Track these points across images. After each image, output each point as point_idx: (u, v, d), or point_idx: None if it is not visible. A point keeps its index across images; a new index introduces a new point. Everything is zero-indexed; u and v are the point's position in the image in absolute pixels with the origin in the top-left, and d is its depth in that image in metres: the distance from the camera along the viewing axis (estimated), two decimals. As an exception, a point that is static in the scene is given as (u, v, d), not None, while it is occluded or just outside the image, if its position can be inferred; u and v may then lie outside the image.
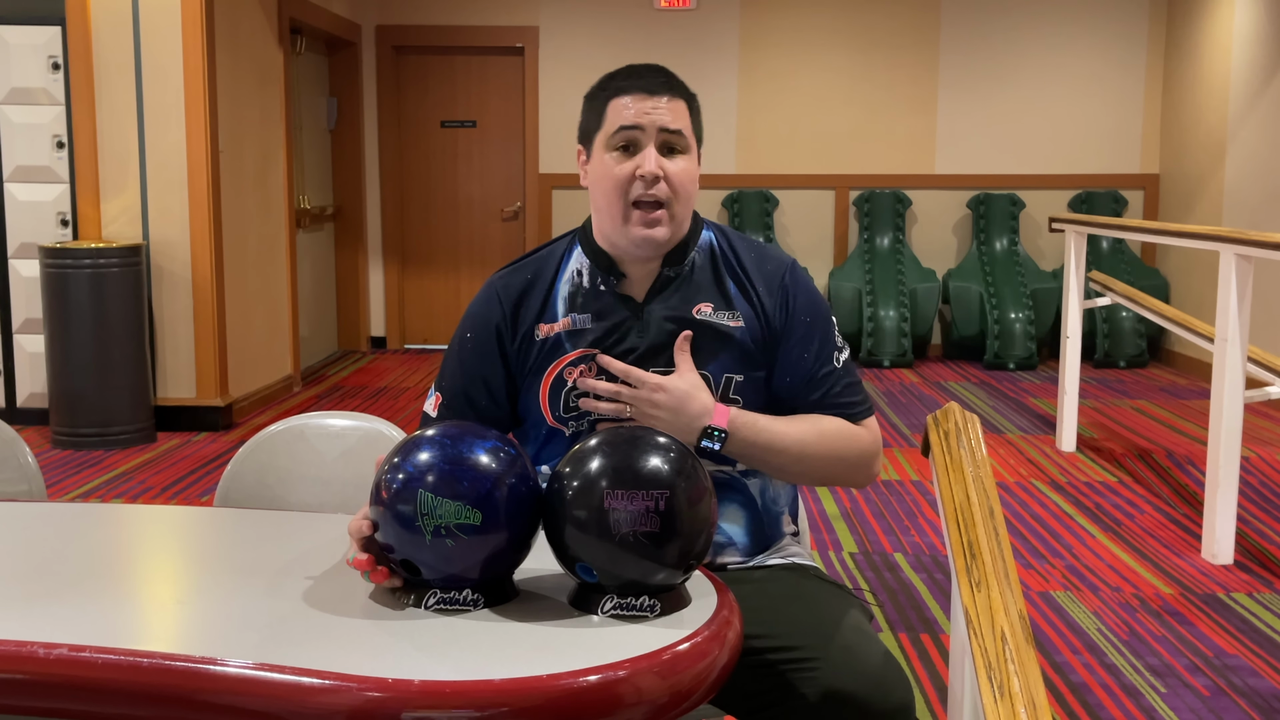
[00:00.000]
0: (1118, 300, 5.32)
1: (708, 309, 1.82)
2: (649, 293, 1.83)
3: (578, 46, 8.21)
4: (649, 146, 1.77)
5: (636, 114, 1.77)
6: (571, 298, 1.84)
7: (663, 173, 1.77)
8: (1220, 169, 7.28)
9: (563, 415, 1.80)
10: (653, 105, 1.78)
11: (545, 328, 1.83)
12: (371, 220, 8.46)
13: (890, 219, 8.17)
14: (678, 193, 1.79)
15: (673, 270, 1.84)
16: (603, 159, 1.80)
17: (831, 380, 1.84)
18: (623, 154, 1.78)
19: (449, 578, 1.42)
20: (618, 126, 1.78)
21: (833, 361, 1.85)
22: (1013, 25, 8.17)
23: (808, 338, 1.84)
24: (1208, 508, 3.97)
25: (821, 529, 4.30)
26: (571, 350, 1.81)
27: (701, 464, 1.48)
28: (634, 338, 1.81)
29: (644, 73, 1.81)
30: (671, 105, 1.79)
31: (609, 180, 1.78)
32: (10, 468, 2.18)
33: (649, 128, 1.77)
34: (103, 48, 5.59)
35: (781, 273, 1.86)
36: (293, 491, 2.11)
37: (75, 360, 5.41)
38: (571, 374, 1.80)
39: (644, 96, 1.78)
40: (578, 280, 1.85)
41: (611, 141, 1.79)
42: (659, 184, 1.77)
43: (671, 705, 1.30)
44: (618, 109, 1.79)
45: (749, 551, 1.85)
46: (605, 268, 1.84)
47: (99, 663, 1.30)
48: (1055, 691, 2.98)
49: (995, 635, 1.51)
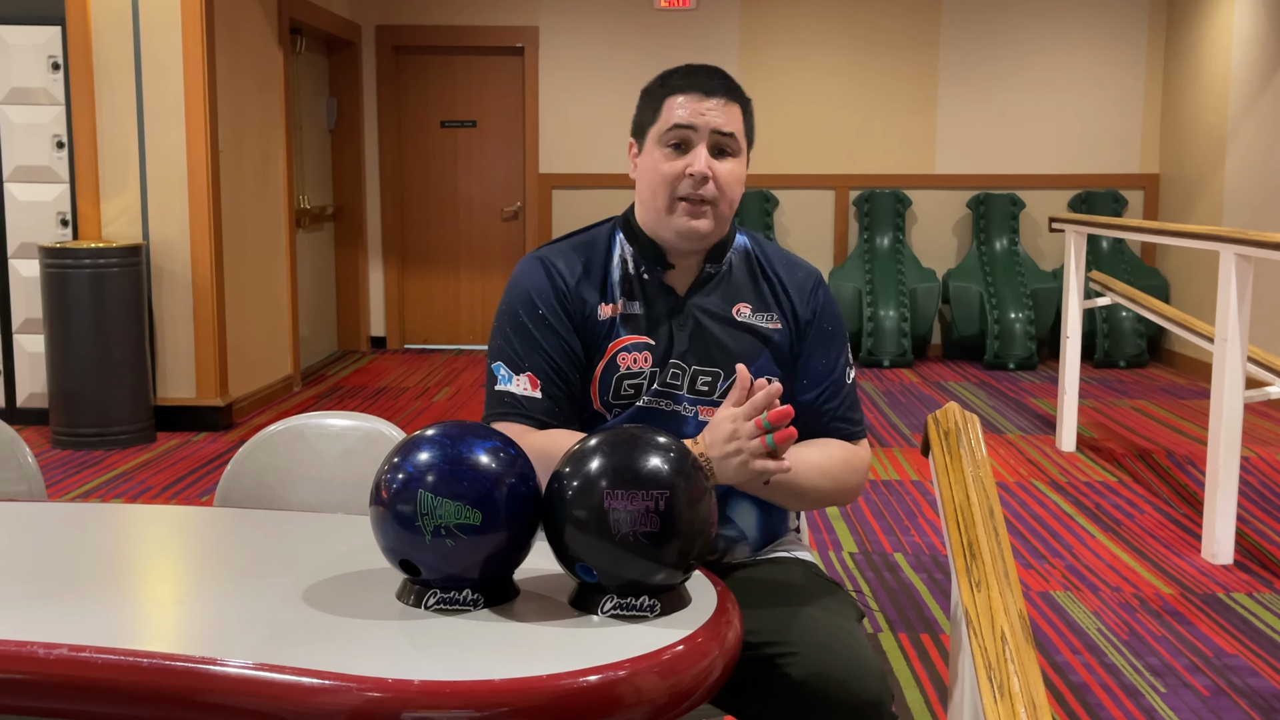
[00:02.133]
0: (1118, 300, 5.32)
1: (747, 310, 1.87)
2: (691, 287, 1.86)
3: (578, 46, 8.21)
4: (700, 146, 1.80)
5: (691, 114, 1.80)
6: (622, 282, 1.86)
7: (711, 173, 1.79)
8: (1220, 169, 7.28)
9: (610, 401, 1.82)
10: (708, 107, 1.80)
11: (606, 308, 1.85)
12: (371, 220, 8.46)
13: (890, 219, 8.17)
14: (724, 193, 1.81)
15: (713, 268, 1.87)
16: (654, 154, 1.82)
17: (842, 394, 1.88)
18: (674, 151, 1.81)
19: (449, 578, 1.42)
20: (672, 124, 1.80)
21: (844, 376, 1.89)
22: (1013, 25, 8.17)
23: (829, 346, 1.89)
24: (1208, 508, 3.97)
25: (821, 529, 4.30)
26: (625, 334, 1.83)
27: (701, 464, 1.48)
28: (677, 328, 1.84)
29: (702, 73, 1.83)
30: (726, 108, 1.81)
31: (658, 175, 1.81)
32: (10, 468, 2.18)
33: (702, 128, 1.80)
34: (103, 48, 5.59)
35: (812, 281, 1.92)
36: (293, 491, 2.11)
37: (75, 360, 5.41)
38: (625, 360, 1.82)
39: (700, 97, 1.80)
40: (625, 267, 1.88)
41: (665, 138, 1.81)
42: (707, 184, 1.79)
43: (671, 705, 1.30)
44: (673, 107, 1.81)
45: (757, 546, 1.89)
46: (652, 257, 1.86)
47: (99, 663, 1.30)
48: (1055, 691, 2.98)
49: (995, 635, 1.51)
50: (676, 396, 1.81)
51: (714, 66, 1.86)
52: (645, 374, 1.81)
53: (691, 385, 1.82)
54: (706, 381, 1.82)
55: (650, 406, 1.81)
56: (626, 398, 1.82)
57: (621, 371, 1.82)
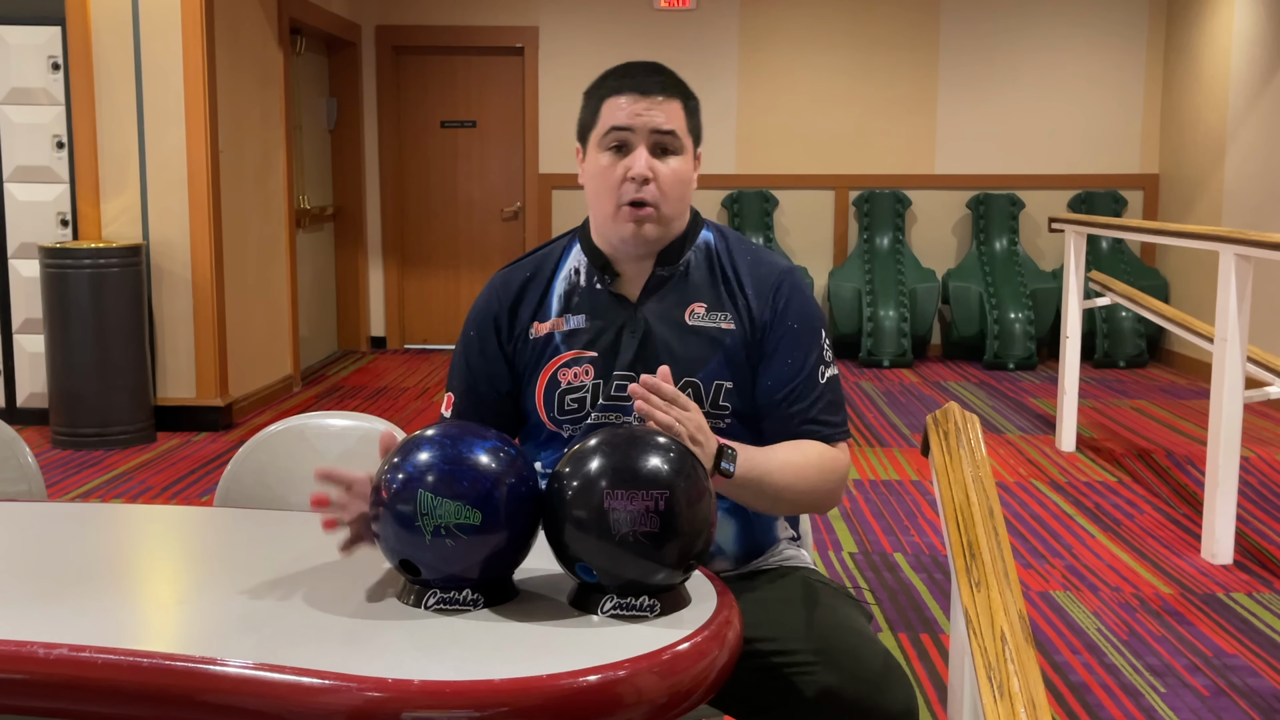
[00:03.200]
0: (1117, 300, 5.32)
1: (701, 310, 1.80)
2: (643, 292, 1.82)
3: (578, 46, 8.21)
4: (640, 148, 1.76)
5: (629, 115, 1.76)
6: (567, 296, 1.83)
7: (653, 174, 1.75)
8: (1220, 169, 7.28)
9: (557, 417, 1.79)
10: (645, 106, 1.76)
11: (539, 326, 1.83)
12: (371, 220, 8.46)
13: (890, 219, 8.17)
14: (667, 194, 1.77)
15: (666, 270, 1.82)
16: (596, 158, 1.79)
17: (813, 395, 1.79)
18: (615, 154, 1.78)
19: (449, 578, 1.42)
20: (610, 126, 1.77)
21: (817, 376, 1.80)
22: (1013, 25, 8.17)
23: (793, 345, 1.79)
24: (1207, 508, 3.97)
25: (821, 529, 4.29)
26: (566, 351, 1.80)
27: (701, 464, 1.48)
28: (627, 338, 1.79)
29: (639, 72, 1.79)
30: (666, 106, 1.77)
31: (600, 180, 1.78)
32: (10, 468, 2.18)
33: (640, 129, 1.76)
34: (103, 48, 5.59)
35: (775, 277, 1.83)
36: (293, 491, 2.11)
37: (75, 360, 5.41)
38: (565, 375, 1.79)
39: (637, 97, 1.76)
40: (574, 279, 1.84)
41: (604, 141, 1.78)
42: (648, 186, 1.75)
43: (671, 705, 1.30)
44: (611, 108, 1.78)
45: (739, 560, 1.84)
46: (600, 266, 1.83)
47: (99, 663, 1.30)
48: (1055, 691, 2.98)
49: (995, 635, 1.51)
50: (625, 409, 1.76)
51: (654, 63, 1.82)
52: (588, 387, 1.78)
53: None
54: None
55: (600, 422, 1.77)
56: (572, 412, 1.79)
57: (563, 387, 1.79)
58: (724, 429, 1.77)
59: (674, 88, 1.80)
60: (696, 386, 1.77)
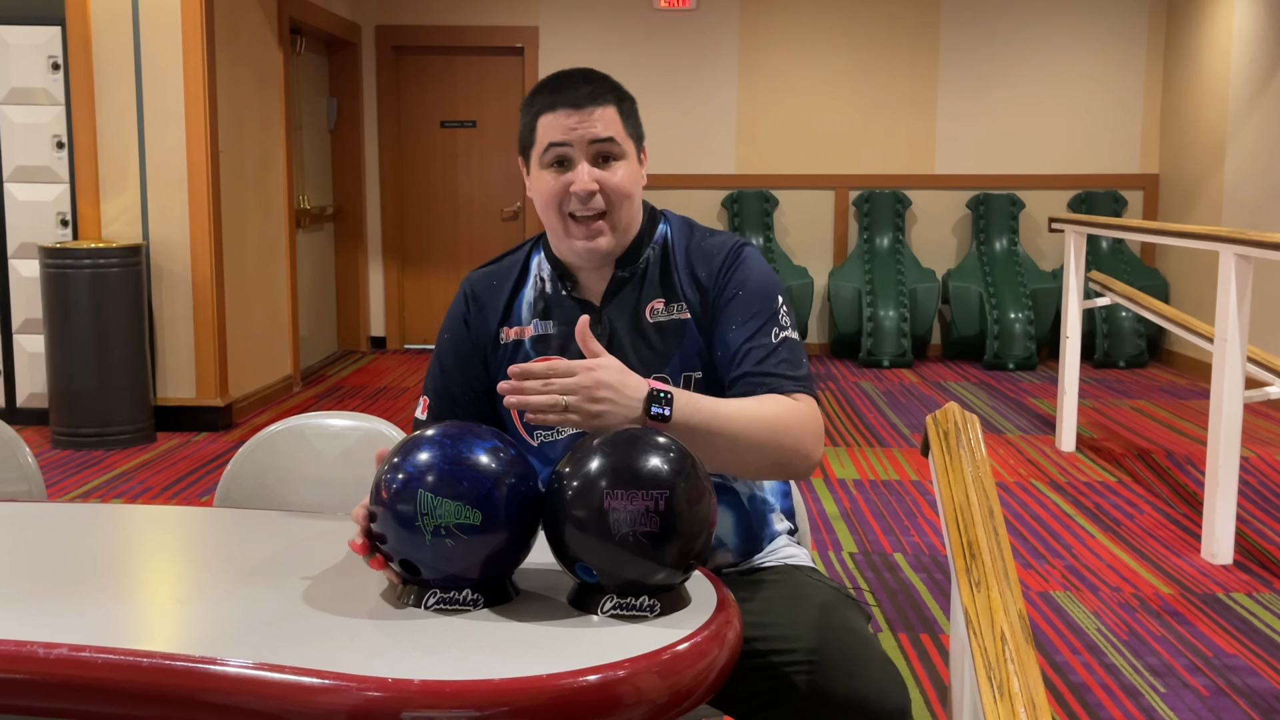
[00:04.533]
0: (1117, 300, 5.32)
1: (659, 306, 1.80)
2: (605, 295, 1.81)
3: (578, 46, 8.21)
4: (581, 162, 1.74)
5: (564, 130, 1.74)
6: (535, 303, 1.84)
7: (598, 186, 1.74)
8: (1220, 169, 7.28)
9: (529, 423, 1.76)
10: (579, 119, 1.74)
11: (510, 331, 1.84)
12: (371, 220, 8.46)
13: (890, 219, 8.17)
14: (616, 203, 1.76)
15: (626, 271, 1.81)
16: (539, 176, 1.78)
17: (765, 353, 1.73)
18: (557, 169, 1.76)
19: (449, 578, 1.42)
20: (547, 144, 1.76)
21: (769, 335, 1.75)
22: (1013, 25, 8.17)
23: (740, 308, 1.76)
24: (1207, 508, 3.97)
25: (821, 529, 4.29)
26: (535, 357, 1.80)
27: (701, 464, 1.48)
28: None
29: (568, 85, 1.77)
30: (601, 115, 1.75)
31: (546, 196, 1.77)
32: (10, 468, 2.18)
33: (578, 142, 1.74)
34: (103, 48, 5.59)
35: (724, 252, 1.80)
36: (293, 491, 2.11)
37: (75, 360, 5.41)
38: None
39: (570, 111, 1.74)
40: (540, 285, 1.85)
41: (544, 159, 1.77)
42: (594, 198, 1.74)
43: (671, 705, 1.30)
44: (546, 126, 1.76)
45: (741, 552, 1.84)
46: (560, 274, 1.83)
47: (99, 663, 1.30)
48: (1055, 691, 2.98)
49: (995, 635, 1.51)
50: None
51: (582, 71, 1.80)
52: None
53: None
54: None
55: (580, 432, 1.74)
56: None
57: None
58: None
59: (606, 94, 1.77)
60: (666, 381, 1.75)
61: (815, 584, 1.80)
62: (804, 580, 1.81)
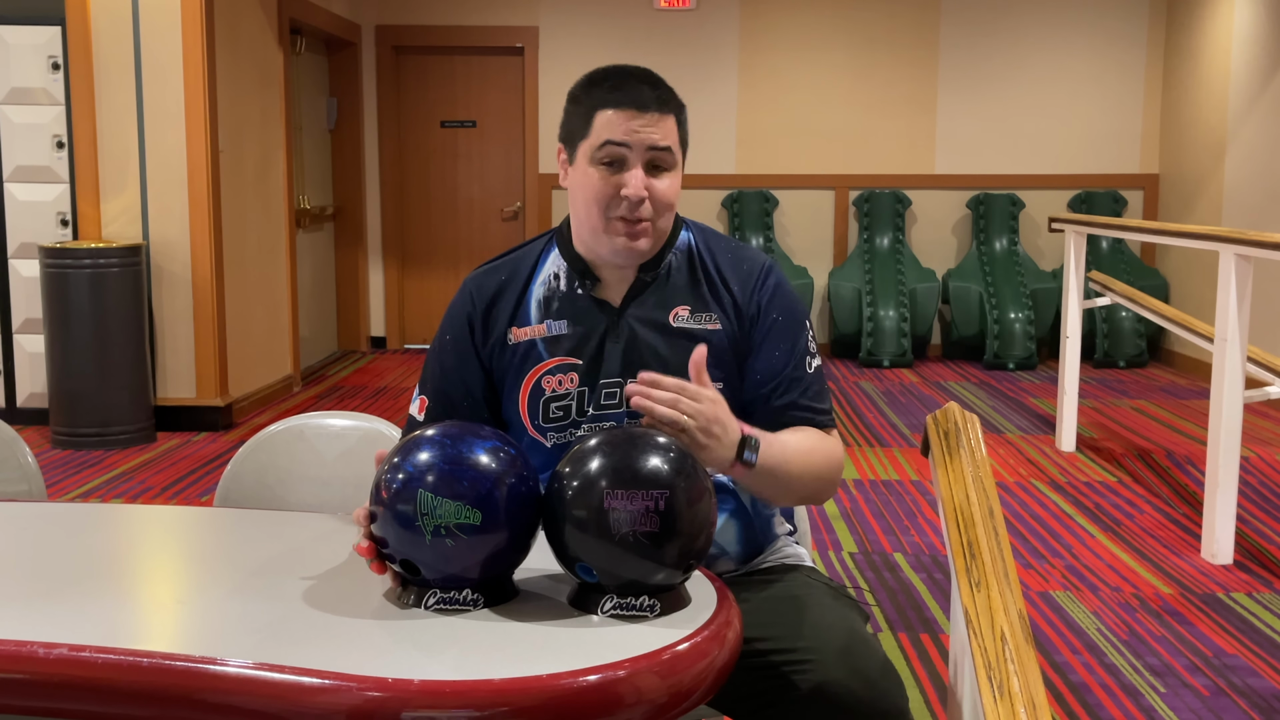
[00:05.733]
0: (1117, 300, 5.32)
1: (684, 313, 1.79)
2: (625, 297, 1.79)
3: (578, 46, 8.21)
4: (636, 167, 1.71)
5: (625, 132, 1.71)
6: (546, 302, 1.80)
7: (649, 192, 1.72)
8: (1220, 169, 7.28)
9: (542, 425, 1.78)
10: (642, 123, 1.71)
11: (518, 331, 1.80)
12: (371, 220, 8.46)
13: (890, 219, 8.17)
14: (660, 212, 1.74)
15: (649, 275, 1.80)
16: (586, 170, 1.74)
17: (803, 384, 1.79)
18: (608, 170, 1.72)
19: (449, 577, 1.42)
20: (604, 140, 1.71)
21: (805, 366, 1.80)
22: (1013, 25, 8.17)
23: (781, 336, 1.79)
24: (1207, 508, 3.97)
25: (821, 529, 4.29)
26: (549, 358, 1.78)
27: (701, 464, 1.48)
28: (610, 344, 1.77)
29: (632, 84, 1.73)
30: (661, 122, 1.72)
31: (591, 193, 1.73)
32: (10, 468, 2.18)
33: (636, 146, 1.71)
34: (103, 48, 5.59)
35: (757, 271, 1.82)
36: (293, 491, 2.11)
37: (75, 360, 5.41)
38: (550, 383, 1.77)
39: (635, 114, 1.71)
40: (554, 284, 1.81)
41: (597, 155, 1.72)
42: (644, 205, 1.72)
43: (671, 705, 1.30)
44: (605, 122, 1.72)
45: (742, 559, 1.84)
46: (580, 271, 1.80)
47: (99, 663, 1.30)
48: (1055, 691, 2.98)
49: (995, 635, 1.51)
50: (615, 417, 1.75)
51: (644, 71, 1.76)
52: (573, 395, 1.76)
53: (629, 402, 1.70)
54: None
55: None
56: (557, 420, 1.77)
57: (547, 395, 1.77)
58: None
59: (668, 101, 1.75)
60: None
61: (814, 583, 1.80)
62: (803, 580, 1.80)
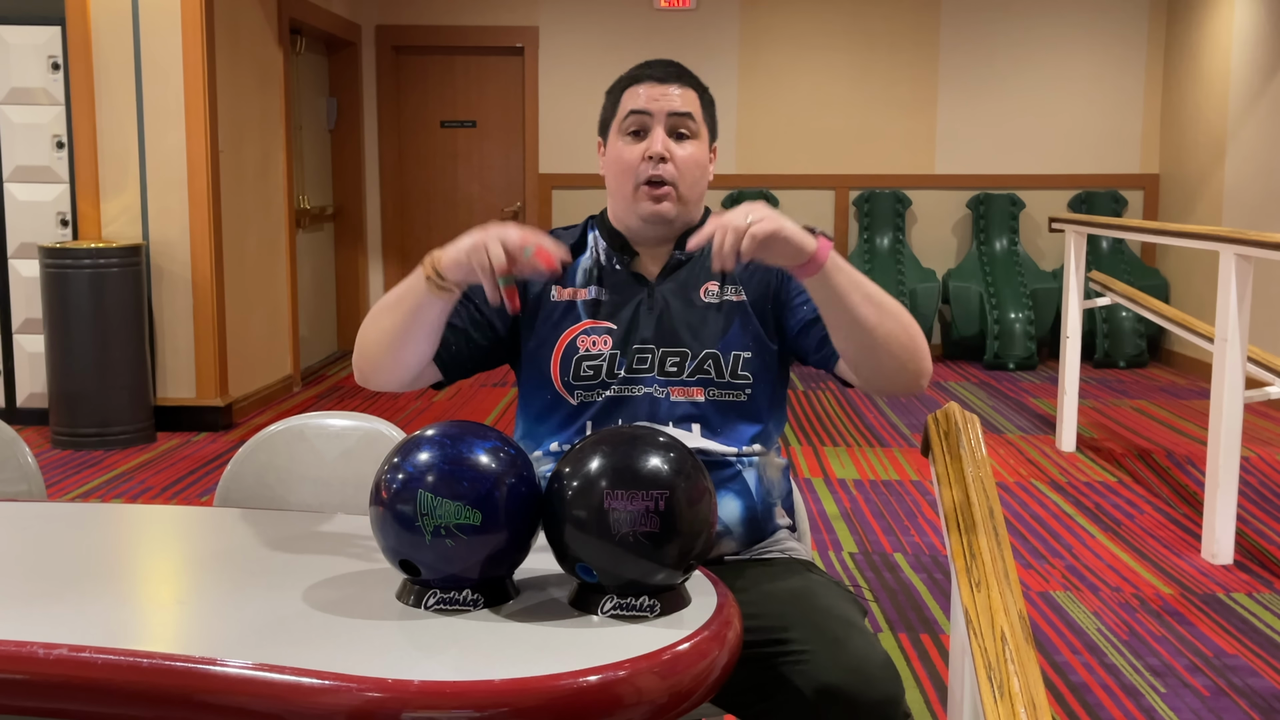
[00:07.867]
0: (1118, 300, 5.32)
1: (714, 288, 1.90)
2: (660, 273, 1.92)
3: (578, 46, 8.21)
4: (657, 129, 1.87)
5: (646, 99, 1.88)
6: (590, 271, 1.93)
7: (669, 154, 1.86)
8: (1220, 169, 7.28)
9: (571, 382, 1.86)
10: (662, 92, 1.88)
11: (561, 290, 1.91)
12: (371, 220, 8.46)
13: (890, 219, 8.17)
14: (684, 175, 1.87)
15: (684, 254, 1.91)
16: (616, 145, 1.91)
17: None
18: (634, 139, 1.89)
19: (449, 578, 1.42)
20: (629, 110, 1.89)
21: None
22: (1013, 25, 8.17)
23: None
24: (1207, 508, 3.97)
25: (821, 529, 4.29)
26: (586, 318, 1.89)
27: (701, 464, 1.48)
28: (645, 313, 1.88)
29: (658, 64, 1.93)
30: (682, 93, 1.89)
31: (620, 163, 1.89)
32: (10, 468, 2.18)
33: (657, 112, 1.87)
34: (103, 48, 5.59)
35: None
36: (293, 491, 2.11)
37: (75, 360, 5.41)
38: (585, 342, 1.87)
39: (655, 84, 1.89)
40: (596, 256, 1.94)
41: (623, 126, 1.90)
42: (665, 165, 1.86)
43: (671, 705, 1.30)
44: (630, 96, 1.90)
45: (744, 541, 1.86)
46: (619, 247, 1.93)
47: (99, 663, 1.29)
48: (1055, 691, 2.98)
49: (995, 635, 1.51)
50: (646, 379, 1.85)
51: (672, 60, 1.94)
52: (605, 356, 1.86)
53: (660, 367, 1.85)
54: (675, 362, 1.85)
55: (621, 395, 1.84)
56: (587, 379, 1.85)
57: (581, 353, 1.86)
58: (743, 400, 1.85)
59: (690, 79, 1.92)
60: (716, 358, 1.85)
61: (812, 577, 1.81)
62: (801, 573, 1.81)
